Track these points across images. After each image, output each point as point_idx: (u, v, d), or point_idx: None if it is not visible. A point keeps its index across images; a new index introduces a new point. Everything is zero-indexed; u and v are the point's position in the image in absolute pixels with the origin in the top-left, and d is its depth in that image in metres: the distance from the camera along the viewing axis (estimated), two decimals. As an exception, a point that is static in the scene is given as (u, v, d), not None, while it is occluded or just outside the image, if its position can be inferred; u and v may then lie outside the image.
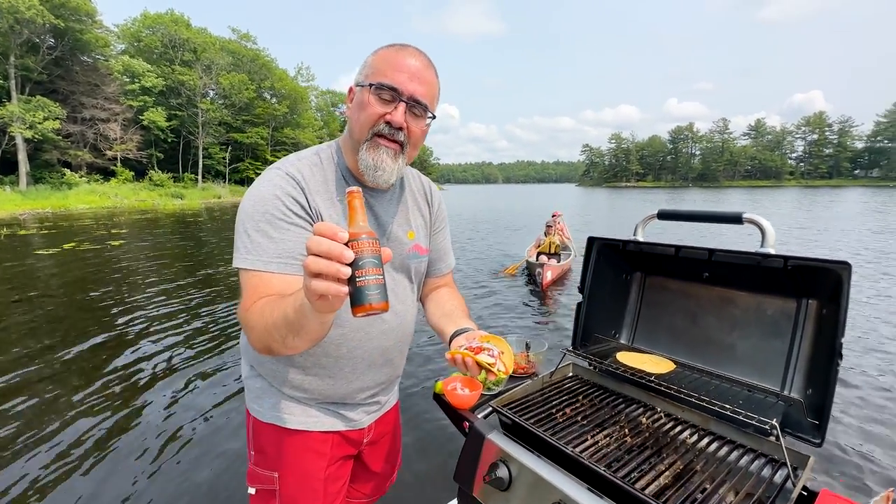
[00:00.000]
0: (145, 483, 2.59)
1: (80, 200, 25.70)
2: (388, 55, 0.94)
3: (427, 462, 2.75)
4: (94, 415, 3.32)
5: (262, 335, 0.82)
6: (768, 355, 1.12)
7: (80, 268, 8.81)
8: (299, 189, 0.95)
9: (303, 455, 1.10)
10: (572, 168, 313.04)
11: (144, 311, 5.95)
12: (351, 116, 0.99)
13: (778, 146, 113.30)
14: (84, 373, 4.06)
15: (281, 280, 0.89)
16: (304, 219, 0.95)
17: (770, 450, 0.95)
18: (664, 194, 57.07)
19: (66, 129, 28.38)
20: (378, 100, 0.92)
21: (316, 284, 0.61)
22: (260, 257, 0.90)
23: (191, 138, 38.65)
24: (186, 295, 6.84)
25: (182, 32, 37.77)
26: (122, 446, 2.95)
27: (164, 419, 3.29)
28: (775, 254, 0.99)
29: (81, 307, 6.15)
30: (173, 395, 3.68)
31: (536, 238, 9.80)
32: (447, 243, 1.32)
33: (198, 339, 4.94)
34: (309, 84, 56.15)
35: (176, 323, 5.51)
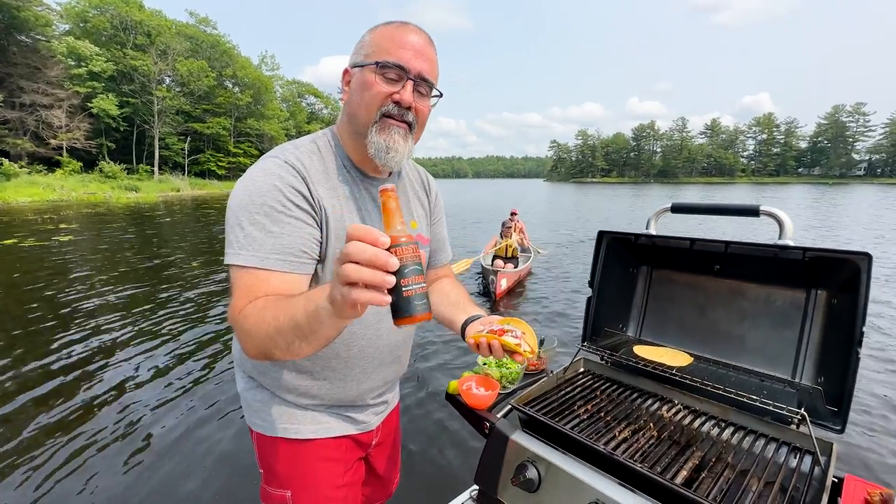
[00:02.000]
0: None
1: (21, 193, 23.67)
2: (390, 32, 0.87)
3: (426, 460, 2.71)
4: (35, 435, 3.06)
5: (262, 340, 0.73)
6: (778, 345, 1.15)
7: (23, 265, 8.11)
8: (300, 179, 0.86)
9: (315, 466, 1.03)
10: (540, 163, 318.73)
11: (96, 312, 5.55)
12: (352, 100, 0.90)
13: (731, 145, 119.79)
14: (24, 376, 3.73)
15: (280, 278, 0.81)
16: (307, 211, 0.86)
17: (792, 438, 0.96)
18: (628, 190, 59.16)
19: (3, 114, 26.02)
20: (384, 79, 0.85)
21: (357, 294, 0.55)
22: (256, 253, 0.80)
23: (146, 127, 36.40)
24: (143, 294, 6.44)
25: (134, 14, 35.35)
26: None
27: (123, 426, 3.08)
28: (794, 245, 1.00)
29: (24, 308, 5.66)
30: (134, 405, 3.44)
31: (493, 238, 8.77)
32: (445, 233, 1.27)
33: (162, 344, 4.66)
34: (274, 73, 54.09)
35: (136, 329, 5.17)
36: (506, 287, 6.55)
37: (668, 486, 0.78)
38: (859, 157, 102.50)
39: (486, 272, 6.88)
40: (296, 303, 0.69)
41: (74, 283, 6.94)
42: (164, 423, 3.13)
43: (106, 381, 3.75)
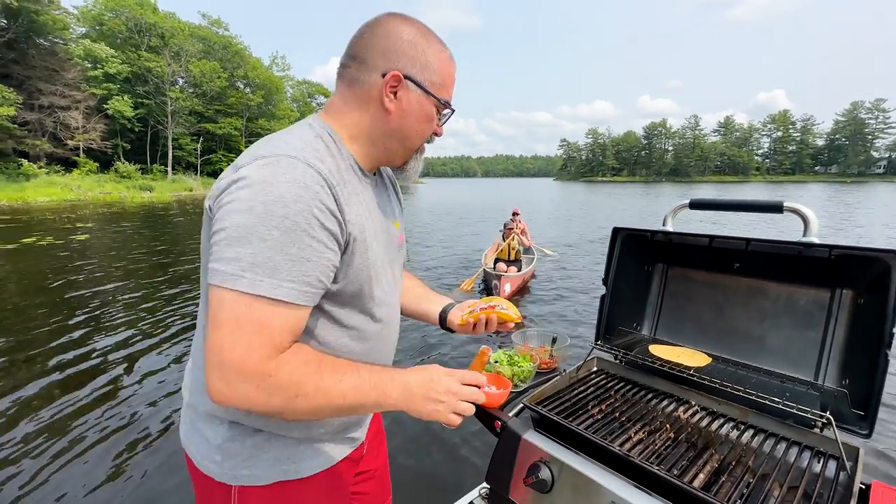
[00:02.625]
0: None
1: (40, 193, 24.26)
2: (448, 66, 0.85)
3: (428, 459, 2.70)
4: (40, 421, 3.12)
5: (304, 406, 0.68)
6: (800, 346, 1.11)
7: (42, 263, 8.30)
8: (328, 190, 0.72)
9: (321, 498, 0.93)
10: (550, 162, 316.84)
11: (112, 308, 5.65)
12: (408, 123, 0.83)
13: (745, 143, 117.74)
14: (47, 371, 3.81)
15: (295, 315, 0.69)
16: (332, 232, 0.72)
17: (815, 442, 0.93)
18: (640, 188, 58.53)
19: (23, 116, 26.63)
20: (437, 114, 0.87)
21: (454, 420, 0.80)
22: (271, 279, 0.65)
23: (159, 128, 36.99)
24: (157, 292, 6.53)
25: (148, 16, 35.92)
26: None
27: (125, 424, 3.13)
28: (819, 243, 0.96)
29: (42, 304, 5.79)
30: (141, 404, 3.50)
31: (494, 241, 8.19)
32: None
33: (167, 343, 4.73)
34: (284, 74, 54.58)
35: (148, 324, 5.25)
36: (510, 291, 6.23)
37: (686, 490, 0.75)
38: (878, 155, 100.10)
39: (489, 276, 6.46)
40: (365, 388, 0.74)
41: (89, 280, 7.07)
42: (164, 411, 3.17)
43: (115, 370, 3.82)
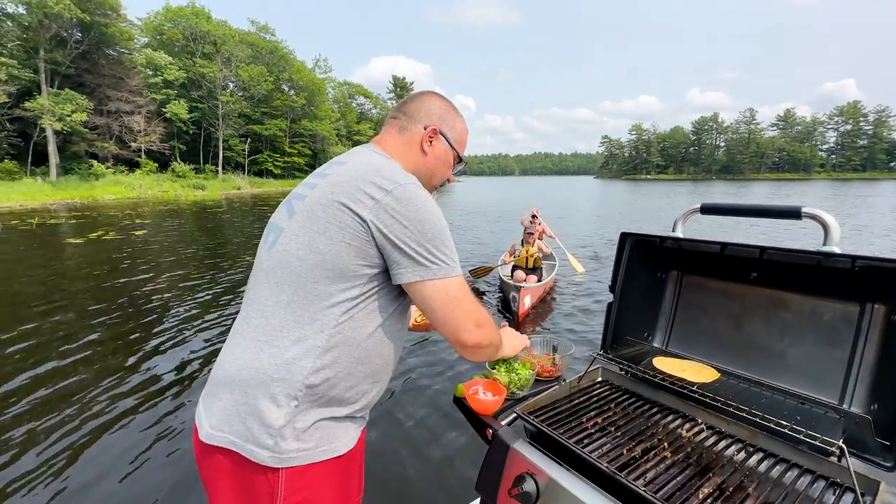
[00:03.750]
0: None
1: (107, 191, 26.46)
2: (465, 133, 1.14)
3: (438, 466, 2.71)
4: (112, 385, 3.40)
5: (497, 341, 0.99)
6: (825, 365, 1.02)
7: (106, 255, 9.05)
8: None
9: (345, 476, 0.96)
10: (591, 160, 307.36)
11: (168, 299, 6.07)
12: (437, 166, 1.10)
13: (808, 137, 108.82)
14: (117, 351, 4.16)
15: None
16: None
17: (831, 472, 0.85)
18: (687, 187, 55.55)
19: (93, 121, 29.12)
20: (453, 164, 1.13)
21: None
22: (458, 264, 0.92)
23: (211, 130, 39.26)
24: (208, 283, 6.95)
25: (203, 25, 38.16)
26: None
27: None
28: (840, 253, 0.88)
29: (108, 291, 6.31)
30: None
31: (512, 245, 7.29)
32: None
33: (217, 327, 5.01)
34: (326, 76, 56.27)
35: (199, 310, 5.60)
36: (530, 305, 5.61)
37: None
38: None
39: (507, 287, 5.83)
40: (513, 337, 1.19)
41: (147, 271, 7.64)
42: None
43: (170, 351, 4.11)
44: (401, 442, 2.90)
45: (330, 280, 0.85)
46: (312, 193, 0.91)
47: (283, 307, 0.87)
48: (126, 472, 2.61)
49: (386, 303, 0.92)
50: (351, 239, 0.84)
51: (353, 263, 0.85)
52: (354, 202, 0.85)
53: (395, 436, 2.96)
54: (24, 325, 5.09)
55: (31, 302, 5.98)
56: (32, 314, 5.48)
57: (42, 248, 10.08)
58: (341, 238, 0.84)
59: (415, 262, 0.86)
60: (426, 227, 0.87)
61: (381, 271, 0.89)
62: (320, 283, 0.85)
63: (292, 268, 0.87)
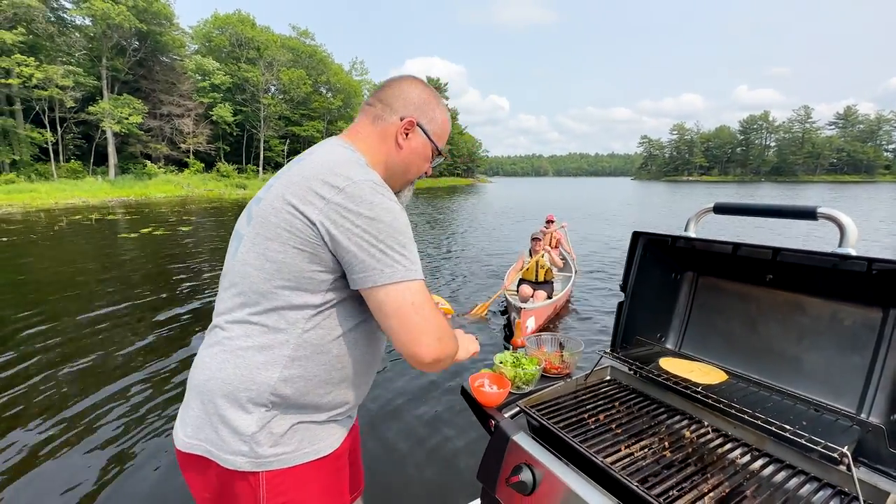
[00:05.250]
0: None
1: (158, 189, 28.25)
2: (447, 125, 1.05)
3: (450, 460, 2.74)
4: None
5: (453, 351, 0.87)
6: (843, 372, 0.98)
7: (155, 249, 9.70)
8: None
9: (329, 479, 0.96)
10: (628, 161, 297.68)
11: (208, 290, 6.44)
12: (412, 159, 1.01)
13: (872, 136, 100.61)
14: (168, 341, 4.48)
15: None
16: None
17: (839, 480, 0.82)
18: (734, 189, 52.67)
19: (148, 124, 31.21)
20: (430, 157, 1.04)
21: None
22: (418, 266, 0.84)
23: (253, 132, 41.05)
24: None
25: (247, 31, 40.01)
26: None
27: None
28: (856, 255, 0.85)
29: (157, 280, 6.78)
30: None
31: (519, 257, 6.40)
32: None
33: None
34: (363, 78, 57.52)
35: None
36: (534, 328, 4.80)
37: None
38: None
39: (509, 306, 5.11)
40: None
41: (191, 264, 8.14)
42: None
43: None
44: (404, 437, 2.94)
45: (290, 288, 0.81)
46: (267, 196, 0.86)
47: (247, 317, 0.84)
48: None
49: (353, 307, 0.87)
50: (302, 244, 0.79)
51: (308, 270, 0.80)
52: (304, 203, 0.79)
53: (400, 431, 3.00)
54: (99, 303, 5.54)
55: (94, 287, 6.51)
56: (101, 294, 5.96)
57: (100, 240, 10.91)
58: (293, 244, 0.80)
59: (366, 266, 0.78)
60: (379, 226, 0.79)
61: (341, 275, 0.83)
62: (280, 291, 0.81)
63: (251, 278, 0.83)
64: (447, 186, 57.84)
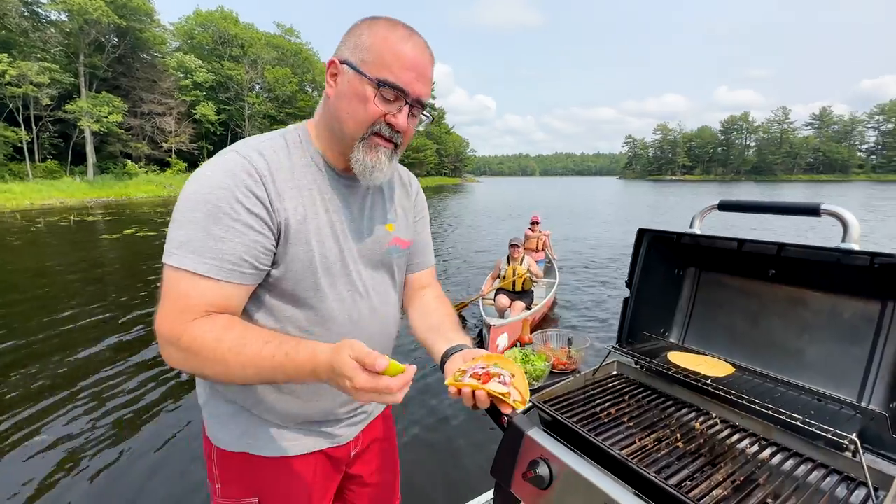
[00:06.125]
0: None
1: (139, 189, 27.63)
2: (394, 43, 0.79)
3: (461, 455, 2.75)
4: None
5: (211, 364, 0.71)
6: (843, 362, 1.01)
7: (138, 251, 9.47)
8: (258, 179, 0.79)
9: (282, 481, 0.98)
10: (614, 160, 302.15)
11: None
12: (340, 105, 0.82)
13: (846, 137, 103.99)
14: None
15: (216, 288, 0.75)
16: (259, 216, 0.79)
17: (845, 466, 0.85)
18: (716, 188, 53.89)
19: (128, 122, 30.50)
20: (381, 98, 0.80)
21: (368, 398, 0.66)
22: (190, 255, 0.74)
23: (238, 131, 40.43)
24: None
25: (231, 29, 39.37)
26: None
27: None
28: (859, 250, 0.88)
29: (140, 281, 6.62)
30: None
31: (496, 264, 5.85)
32: (425, 236, 1.16)
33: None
34: (349, 77, 57.04)
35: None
36: (506, 346, 4.35)
37: (679, 499, 0.74)
38: None
39: (482, 323, 4.65)
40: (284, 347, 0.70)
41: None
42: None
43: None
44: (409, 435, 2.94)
45: None
46: None
47: None
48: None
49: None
50: None
51: None
52: None
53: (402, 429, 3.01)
54: (70, 311, 5.39)
55: (69, 292, 6.33)
56: (73, 303, 5.80)
57: (80, 242, 10.61)
58: None
59: None
60: (180, 195, 0.78)
61: None
62: None
63: None
64: (435, 186, 57.83)
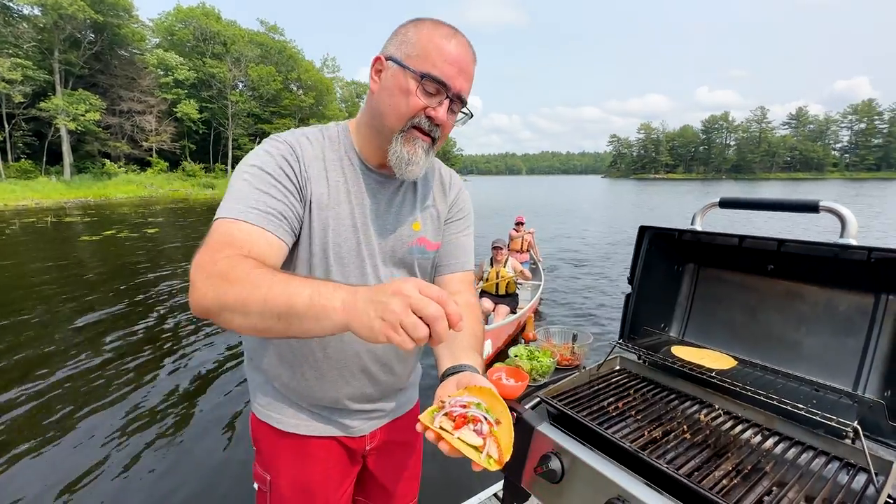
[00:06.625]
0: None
1: (119, 190, 26.90)
2: (438, 40, 0.82)
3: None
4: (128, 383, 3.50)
5: (232, 296, 0.65)
6: (839, 353, 1.05)
7: (121, 252, 9.23)
8: (294, 155, 0.88)
9: (297, 459, 1.03)
10: (598, 159, 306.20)
11: (179, 293, 6.19)
12: (382, 98, 0.86)
13: (821, 136, 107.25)
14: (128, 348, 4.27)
15: (260, 234, 0.78)
16: (294, 183, 0.86)
17: (845, 453, 0.89)
18: (697, 186, 55.04)
19: (106, 121, 29.65)
20: (423, 91, 0.83)
21: (401, 338, 0.56)
22: (238, 205, 0.79)
23: (221, 130, 39.69)
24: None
25: (212, 25, 38.57)
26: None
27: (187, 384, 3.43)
28: (857, 245, 0.91)
29: (124, 287, 6.45)
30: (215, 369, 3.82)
31: (479, 266, 5.48)
32: (462, 239, 1.11)
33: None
34: (334, 75, 56.57)
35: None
36: (491, 353, 4.31)
37: (693, 489, 0.76)
38: None
39: None
40: (299, 285, 0.63)
41: (159, 269, 7.78)
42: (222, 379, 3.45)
43: (181, 343, 4.21)
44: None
45: None
46: None
47: None
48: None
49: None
50: None
51: None
52: None
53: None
54: (46, 317, 5.23)
55: (47, 295, 6.14)
56: (52, 307, 5.62)
57: (58, 244, 10.30)
58: None
59: None
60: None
61: None
62: None
63: None
64: (422, 185, 57.51)
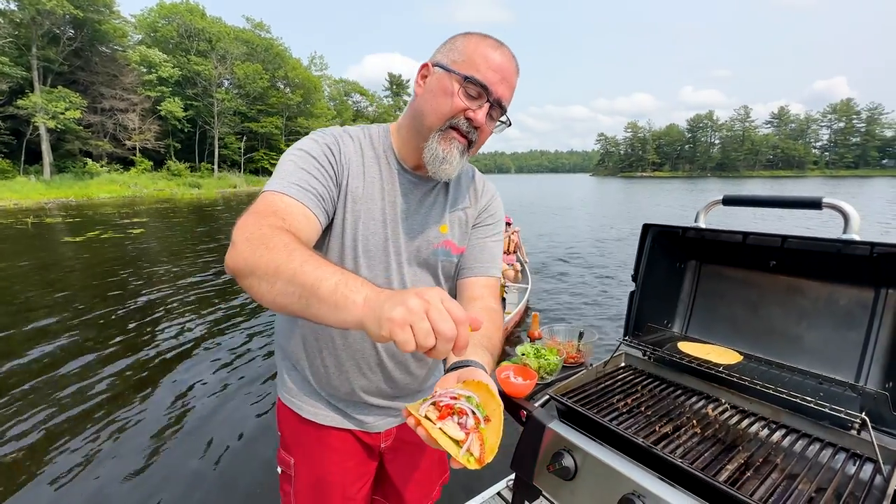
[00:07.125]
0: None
1: (102, 190, 26.27)
2: (484, 48, 0.86)
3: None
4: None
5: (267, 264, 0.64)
6: (841, 347, 1.07)
7: (105, 254, 9.02)
8: (337, 146, 0.93)
9: (315, 447, 1.08)
10: (587, 157, 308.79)
11: (168, 298, 6.08)
12: (425, 99, 0.90)
13: (802, 135, 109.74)
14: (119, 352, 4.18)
15: (300, 209, 0.82)
16: (334, 170, 0.91)
17: (851, 444, 0.91)
18: (683, 184, 55.92)
19: (87, 119, 28.91)
20: (464, 93, 0.86)
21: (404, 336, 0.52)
22: (282, 181, 0.84)
23: (207, 128, 39.03)
24: (206, 281, 6.95)
25: (197, 22, 37.88)
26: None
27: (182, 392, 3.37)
28: (860, 240, 0.93)
29: (107, 291, 6.31)
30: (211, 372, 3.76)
31: None
32: (490, 243, 1.10)
33: (222, 323, 5.03)
34: (322, 73, 56.02)
35: (205, 309, 5.61)
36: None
37: (709, 483, 0.77)
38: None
39: None
40: (330, 270, 0.62)
41: (143, 270, 7.63)
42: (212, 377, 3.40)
43: (168, 344, 4.13)
44: None
45: None
46: None
47: None
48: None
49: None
50: None
51: None
52: None
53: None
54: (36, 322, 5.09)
55: (32, 301, 5.98)
56: (38, 314, 5.48)
57: (40, 247, 10.03)
58: None
59: None
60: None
61: None
62: None
63: None
64: (412, 184, 57.39)
